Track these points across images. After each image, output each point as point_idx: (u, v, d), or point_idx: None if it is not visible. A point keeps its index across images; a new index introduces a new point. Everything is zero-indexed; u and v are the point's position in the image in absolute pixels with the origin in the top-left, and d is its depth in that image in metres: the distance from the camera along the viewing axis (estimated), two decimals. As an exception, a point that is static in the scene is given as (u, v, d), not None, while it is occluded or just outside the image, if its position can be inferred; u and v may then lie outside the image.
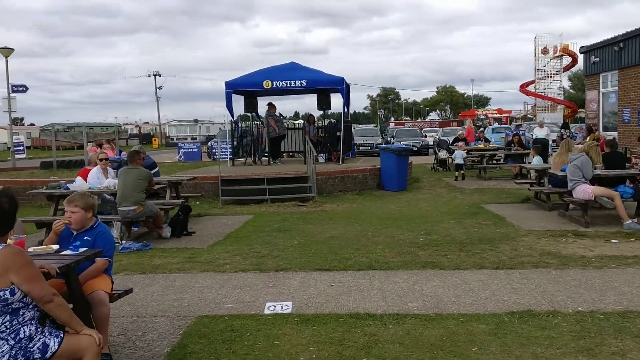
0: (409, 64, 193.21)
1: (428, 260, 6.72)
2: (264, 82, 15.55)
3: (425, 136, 34.84)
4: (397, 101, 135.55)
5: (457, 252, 7.10)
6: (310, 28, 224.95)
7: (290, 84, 15.57)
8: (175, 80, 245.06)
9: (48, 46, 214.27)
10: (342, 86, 15.78)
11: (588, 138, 20.51)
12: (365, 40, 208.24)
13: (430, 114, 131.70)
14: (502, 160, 19.26)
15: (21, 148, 37.24)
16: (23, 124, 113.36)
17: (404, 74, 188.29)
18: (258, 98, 17.51)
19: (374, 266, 6.52)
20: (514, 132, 18.68)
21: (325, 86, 15.94)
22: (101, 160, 9.50)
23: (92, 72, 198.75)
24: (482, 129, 29.90)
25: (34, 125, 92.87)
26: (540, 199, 11.08)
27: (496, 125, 62.11)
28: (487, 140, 22.41)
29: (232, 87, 15.80)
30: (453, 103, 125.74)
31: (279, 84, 15.56)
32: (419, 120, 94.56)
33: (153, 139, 58.07)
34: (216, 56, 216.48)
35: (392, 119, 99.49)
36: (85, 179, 9.28)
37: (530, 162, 16.82)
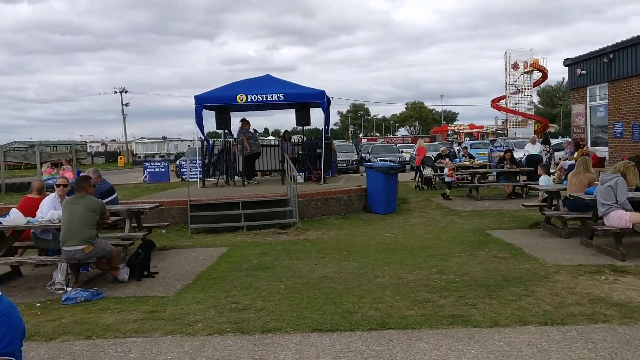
0: (377, 81, 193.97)
1: (454, 312, 5.33)
2: (238, 96, 14.13)
3: (402, 152, 33.71)
4: (367, 117, 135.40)
5: (486, 299, 5.73)
6: (279, 46, 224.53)
7: (266, 97, 14.17)
8: (143, 98, 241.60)
9: (13, 64, 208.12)
10: (323, 100, 14.47)
11: (576, 154, 19.64)
12: (333, 57, 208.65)
13: (400, 129, 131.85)
14: (491, 179, 18.21)
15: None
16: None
17: (372, 90, 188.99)
18: (231, 114, 16.00)
19: (388, 323, 5.09)
20: (506, 148, 17.62)
21: (304, 100, 14.60)
22: (59, 186, 7.85)
23: (58, 89, 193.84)
24: (464, 145, 28.86)
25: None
26: (552, 223, 9.88)
27: (468, 140, 61.88)
28: (471, 157, 21.33)
29: (203, 102, 14.32)
30: (422, 119, 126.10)
31: (254, 97, 14.15)
32: (390, 135, 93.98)
33: (119, 157, 55.80)
34: (184, 73, 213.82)
35: (361, 135, 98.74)
36: (29, 211, 7.59)
37: (523, 180, 15.77)
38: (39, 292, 6.82)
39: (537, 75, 65.14)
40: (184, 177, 21.04)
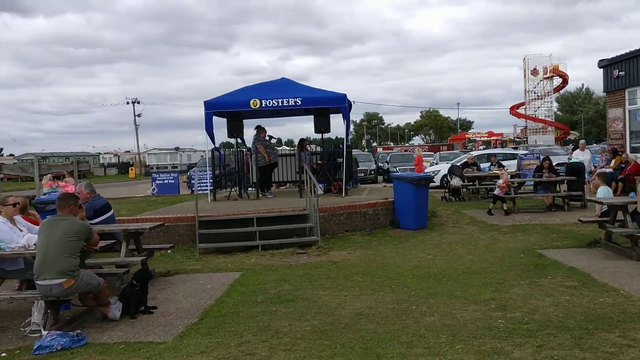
0: (389, 90, 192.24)
1: (540, 372, 4.01)
2: (251, 101, 12.92)
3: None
4: (381, 126, 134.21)
5: (576, 350, 4.40)
6: (291, 56, 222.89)
7: (282, 102, 12.94)
8: (156, 109, 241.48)
9: (29, 77, 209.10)
10: (344, 104, 13.20)
11: (613, 162, 18.19)
12: (346, 67, 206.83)
13: (414, 138, 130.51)
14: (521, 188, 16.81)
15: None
16: (2, 155, 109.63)
17: (385, 99, 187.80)
18: (244, 121, 14.78)
19: (456, 390, 3.79)
20: (544, 156, 16.22)
21: (324, 105, 13.32)
22: (8, 205, 6.41)
23: (73, 101, 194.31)
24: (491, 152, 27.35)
25: (13, 155, 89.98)
26: (614, 241, 8.53)
27: (483, 148, 60.32)
28: (501, 166, 19.96)
29: (213, 108, 13.11)
30: (437, 127, 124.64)
31: (269, 102, 12.92)
32: (407, 144, 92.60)
33: (130, 168, 54.97)
34: (198, 84, 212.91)
35: (375, 144, 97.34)
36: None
37: (564, 191, 14.37)
38: (10, 334, 5.58)
39: (557, 81, 63.63)
40: (194, 189, 19.86)
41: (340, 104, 13.14)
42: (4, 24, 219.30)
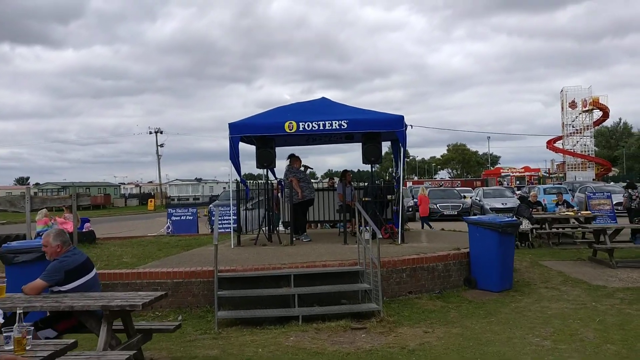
0: (411, 124, 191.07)
1: None
2: (286, 124, 10.47)
3: (464, 197, 29.45)
4: (406, 159, 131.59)
5: None
6: (314, 89, 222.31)
7: (324, 126, 10.47)
8: (179, 140, 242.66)
9: (57, 107, 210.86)
10: (400, 128, 10.67)
11: None
12: (368, 101, 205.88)
13: (440, 172, 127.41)
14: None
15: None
16: (28, 184, 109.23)
17: (407, 133, 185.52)
18: (277, 148, 12.23)
19: None
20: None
21: (376, 128, 10.74)
22: None
23: (99, 132, 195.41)
24: (553, 189, 24.45)
25: (39, 184, 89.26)
26: None
27: (518, 183, 57.23)
28: (569, 206, 17.17)
29: (240, 131, 10.67)
30: (465, 161, 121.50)
31: (308, 126, 10.46)
32: (439, 178, 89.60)
33: (149, 200, 52.93)
34: (221, 116, 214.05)
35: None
36: None
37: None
38: None
39: (596, 115, 60.53)
40: (213, 231, 17.36)
41: (397, 127, 10.61)
42: (35, 55, 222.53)
